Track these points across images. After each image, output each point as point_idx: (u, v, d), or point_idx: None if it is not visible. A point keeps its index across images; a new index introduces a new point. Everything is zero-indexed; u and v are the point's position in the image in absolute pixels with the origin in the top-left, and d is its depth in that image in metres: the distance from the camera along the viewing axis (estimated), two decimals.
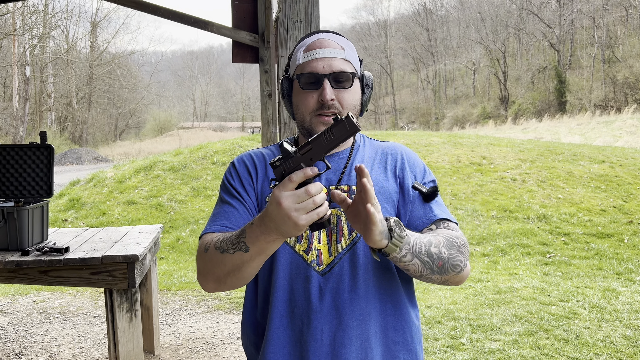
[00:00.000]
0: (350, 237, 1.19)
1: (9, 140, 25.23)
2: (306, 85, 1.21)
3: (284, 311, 1.20)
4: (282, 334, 1.20)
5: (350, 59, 1.23)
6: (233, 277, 1.11)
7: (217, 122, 50.03)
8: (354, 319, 1.17)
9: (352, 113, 1.04)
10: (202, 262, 1.16)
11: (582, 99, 32.81)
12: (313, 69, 1.20)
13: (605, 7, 35.63)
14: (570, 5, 37.04)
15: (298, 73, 1.23)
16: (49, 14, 30.98)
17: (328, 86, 1.19)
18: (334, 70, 1.20)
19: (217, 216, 1.23)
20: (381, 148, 1.33)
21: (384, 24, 48.14)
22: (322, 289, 1.18)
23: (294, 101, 1.26)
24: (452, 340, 3.87)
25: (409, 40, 47.11)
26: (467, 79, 45.00)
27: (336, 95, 1.20)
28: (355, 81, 1.24)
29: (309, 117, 1.22)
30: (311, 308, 1.17)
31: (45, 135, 3.17)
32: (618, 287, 5.18)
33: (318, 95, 1.20)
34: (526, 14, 40.20)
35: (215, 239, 1.14)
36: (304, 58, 1.22)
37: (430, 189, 1.25)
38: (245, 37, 4.28)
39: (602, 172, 9.18)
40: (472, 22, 43.90)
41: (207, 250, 1.14)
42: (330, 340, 1.17)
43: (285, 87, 1.28)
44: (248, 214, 1.22)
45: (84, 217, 8.27)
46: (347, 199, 1.06)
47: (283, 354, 1.19)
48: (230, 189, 1.26)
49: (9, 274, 2.80)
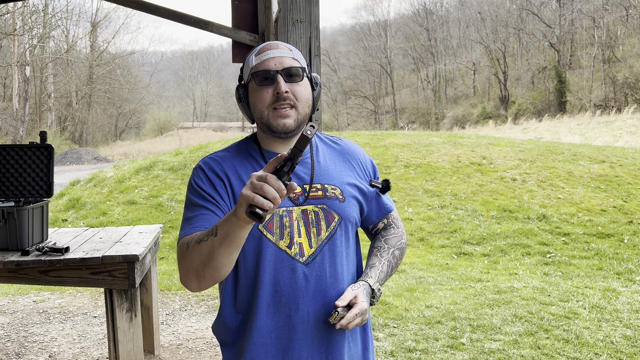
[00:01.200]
0: (328, 230, 1.36)
1: (9, 140, 25.23)
2: (262, 82, 1.34)
3: (270, 301, 1.33)
4: (269, 321, 1.33)
5: (297, 59, 1.37)
6: (208, 266, 1.19)
7: (217, 122, 50.03)
8: (334, 299, 1.35)
9: (311, 123, 1.13)
10: (184, 262, 1.25)
11: (582, 99, 32.81)
12: (266, 66, 1.33)
13: (605, 7, 35.62)
14: (570, 5, 37.03)
15: (253, 72, 1.36)
16: (49, 14, 30.98)
17: (281, 80, 1.32)
18: (285, 66, 1.33)
19: (193, 220, 1.31)
20: (339, 148, 1.49)
21: (384, 24, 48.12)
22: (307, 276, 1.33)
23: (251, 101, 1.37)
24: (452, 340, 3.87)
25: (409, 40, 47.10)
26: (467, 79, 44.99)
27: (290, 89, 1.33)
28: (305, 78, 1.37)
29: (267, 111, 1.34)
30: (299, 294, 1.33)
31: (45, 135, 3.17)
32: (618, 287, 5.18)
33: (273, 89, 1.33)
34: (526, 14, 40.19)
35: (197, 236, 1.24)
36: (257, 60, 1.36)
37: (384, 183, 1.47)
38: (245, 37, 4.28)
39: (602, 172, 9.18)
40: (472, 22, 43.89)
41: (189, 247, 1.24)
42: (315, 320, 1.34)
43: (241, 92, 1.40)
44: (220, 214, 1.31)
45: (84, 217, 8.28)
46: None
47: (271, 339, 1.34)
48: (202, 193, 1.34)
49: (9, 274, 2.80)
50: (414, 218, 7.85)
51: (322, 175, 1.40)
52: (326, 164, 1.42)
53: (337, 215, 1.37)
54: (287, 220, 1.33)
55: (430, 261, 6.36)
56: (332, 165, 1.43)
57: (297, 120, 1.34)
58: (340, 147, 1.49)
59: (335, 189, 1.39)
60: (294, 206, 1.34)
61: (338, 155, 1.46)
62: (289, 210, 1.34)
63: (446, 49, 45.50)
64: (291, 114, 1.33)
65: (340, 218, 1.37)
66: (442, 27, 46.15)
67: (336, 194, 1.38)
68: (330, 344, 1.36)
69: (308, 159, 1.41)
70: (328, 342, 1.36)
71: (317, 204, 1.36)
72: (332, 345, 1.36)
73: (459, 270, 5.92)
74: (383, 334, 4.03)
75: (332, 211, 1.36)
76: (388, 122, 42.23)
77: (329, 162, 1.43)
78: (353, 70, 47.31)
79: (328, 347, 1.36)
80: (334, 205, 1.37)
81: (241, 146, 1.43)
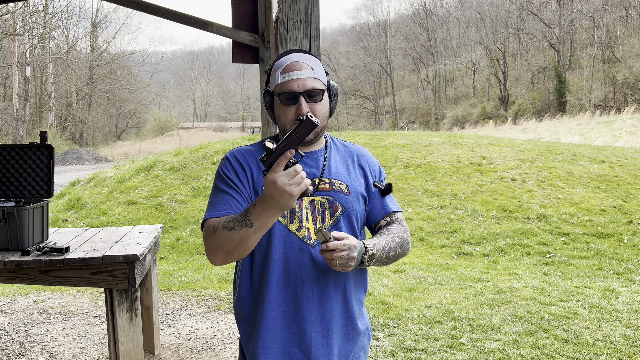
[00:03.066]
0: (332, 219, 1.54)
1: (9, 140, 25.23)
2: (286, 102, 1.50)
3: (280, 277, 1.49)
4: (279, 295, 1.50)
5: (319, 77, 1.53)
6: (239, 248, 1.38)
7: (217, 122, 50.03)
8: (337, 279, 1.52)
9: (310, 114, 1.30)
10: (211, 241, 1.42)
11: (582, 99, 32.80)
12: (290, 88, 1.49)
13: (605, 7, 35.63)
14: (570, 5, 37.04)
15: (278, 92, 1.51)
16: (49, 14, 30.98)
17: (303, 102, 1.48)
18: (307, 88, 1.49)
19: (217, 204, 1.50)
20: (349, 150, 1.66)
21: (384, 24, 48.10)
22: (313, 257, 1.50)
23: (276, 112, 1.55)
24: (452, 340, 3.88)
25: (409, 40, 47.09)
26: (467, 79, 44.99)
27: (310, 108, 1.49)
28: (324, 94, 1.53)
29: (289, 125, 1.50)
30: (305, 272, 1.49)
31: (46, 135, 3.17)
32: (618, 287, 5.19)
33: (295, 108, 1.49)
34: (526, 14, 40.20)
35: (222, 221, 1.41)
36: (282, 79, 1.51)
37: (386, 186, 1.62)
38: (245, 38, 4.28)
39: (602, 172, 9.19)
40: (472, 22, 43.89)
41: (216, 230, 1.41)
42: (318, 297, 1.50)
43: (267, 100, 1.57)
44: (244, 201, 1.50)
45: (84, 217, 8.28)
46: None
47: (279, 312, 1.50)
48: (227, 180, 1.52)
49: (9, 274, 2.81)
50: (414, 218, 7.85)
51: (331, 171, 1.57)
52: (336, 163, 1.60)
53: (341, 207, 1.54)
54: (298, 206, 1.51)
55: (430, 261, 6.36)
56: (341, 164, 1.60)
57: (315, 132, 1.52)
58: (351, 150, 1.66)
59: (341, 184, 1.56)
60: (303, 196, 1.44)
61: (348, 157, 1.64)
62: (299, 199, 1.47)
63: (446, 49, 45.51)
64: None
65: (344, 209, 1.54)
66: (442, 27, 46.15)
67: (342, 188, 1.55)
68: (332, 321, 1.52)
69: (321, 156, 1.58)
70: (330, 319, 1.51)
71: (324, 195, 1.53)
72: (331, 322, 1.52)
73: (459, 270, 5.92)
74: (383, 334, 4.04)
75: (336, 202, 1.53)
76: (388, 122, 42.23)
77: (339, 161, 1.61)
78: (353, 70, 47.31)
79: (329, 323, 1.51)
80: (338, 197, 1.54)
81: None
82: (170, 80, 59.67)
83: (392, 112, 43.56)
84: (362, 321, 1.62)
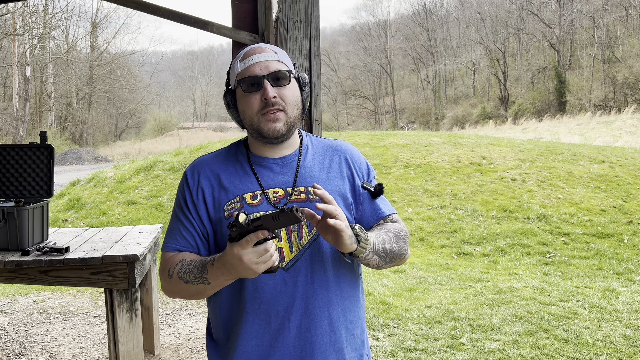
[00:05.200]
0: (311, 234, 1.32)
1: (9, 140, 25.23)
2: (248, 88, 1.32)
3: (250, 308, 1.31)
4: (249, 328, 1.31)
5: (283, 61, 1.35)
6: (197, 297, 1.31)
7: (217, 122, 49.96)
8: (318, 306, 1.31)
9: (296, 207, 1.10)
10: (168, 286, 1.34)
11: (582, 99, 32.80)
12: (252, 72, 1.31)
13: (605, 7, 35.62)
14: (570, 5, 37.03)
15: (239, 79, 1.33)
16: (49, 14, 30.97)
17: (269, 85, 1.30)
18: (271, 70, 1.31)
19: (172, 233, 1.38)
20: (329, 148, 1.45)
21: (384, 24, 48.10)
22: (286, 282, 1.30)
23: (240, 107, 1.36)
24: (452, 340, 3.88)
25: (409, 40, 47.08)
26: (467, 79, 44.98)
27: (277, 93, 1.31)
28: (292, 80, 1.35)
29: (256, 117, 1.32)
30: (278, 300, 1.30)
31: (46, 135, 3.17)
32: (618, 287, 5.19)
33: (261, 95, 1.31)
34: (526, 14, 40.18)
35: (177, 268, 1.30)
36: (242, 66, 1.33)
37: (377, 187, 1.40)
38: (245, 37, 4.28)
39: (602, 172, 9.19)
40: (472, 22, 43.88)
41: (171, 277, 1.31)
42: (297, 327, 1.30)
43: (229, 99, 1.38)
44: (197, 232, 1.36)
45: (84, 217, 8.28)
46: (315, 215, 1.22)
47: (251, 346, 1.32)
48: (182, 204, 1.38)
49: (9, 274, 2.81)
50: (414, 218, 7.85)
51: (307, 177, 1.36)
52: (313, 166, 1.39)
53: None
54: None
55: (430, 261, 6.36)
56: (318, 167, 1.39)
57: (287, 123, 1.33)
58: (332, 147, 1.45)
59: None
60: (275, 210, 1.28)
61: (327, 156, 1.42)
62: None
63: (446, 49, 45.49)
64: (281, 117, 1.32)
65: None
66: (442, 27, 46.14)
67: None
68: (314, 354, 1.31)
69: (295, 161, 1.38)
70: (312, 352, 1.31)
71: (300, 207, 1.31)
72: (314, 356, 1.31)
73: (459, 270, 5.92)
74: (383, 334, 4.03)
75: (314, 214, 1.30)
76: (388, 122, 42.22)
77: (316, 164, 1.39)
78: (353, 70, 47.29)
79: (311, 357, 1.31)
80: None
81: (231, 150, 1.43)
82: (170, 80, 59.67)
83: (392, 112, 43.56)
84: (357, 352, 1.39)
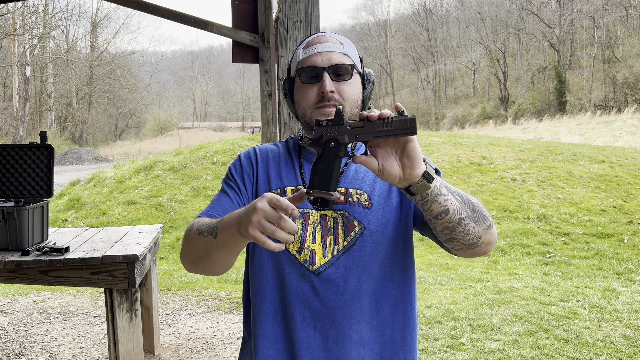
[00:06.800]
0: (347, 240, 1.19)
1: (9, 140, 25.23)
2: (307, 79, 1.22)
3: (277, 307, 1.20)
4: (275, 330, 1.20)
5: (349, 54, 1.24)
6: (204, 262, 1.13)
7: (217, 122, 50.01)
8: (347, 318, 1.17)
9: (412, 114, 1.00)
10: (185, 242, 1.18)
11: (582, 99, 32.81)
12: (312, 63, 1.21)
13: (605, 7, 35.63)
14: (570, 5, 37.04)
15: (298, 67, 1.24)
16: (49, 14, 30.98)
17: (327, 78, 1.20)
18: (332, 63, 1.21)
19: (213, 203, 1.25)
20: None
21: (384, 24, 48.14)
22: (316, 288, 1.18)
23: (296, 98, 1.27)
24: (452, 340, 3.87)
25: (409, 40, 47.10)
26: (467, 79, 44.99)
27: (336, 88, 1.20)
28: (355, 75, 1.24)
29: (310, 110, 1.22)
30: (305, 306, 1.18)
31: (46, 135, 3.17)
32: (618, 287, 5.19)
33: (318, 88, 1.21)
34: (526, 14, 40.19)
35: (201, 222, 1.15)
36: (304, 54, 1.24)
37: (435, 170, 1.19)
38: (245, 37, 4.28)
39: (602, 172, 9.18)
40: (472, 22, 43.89)
41: (191, 230, 1.16)
42: (322, 338, 1.17)
43: (287, 87, 1.29)
44: (240, 204, 1.24)
45: (84, 217, 8.27)
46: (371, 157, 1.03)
47: (276, 349, 1.20)
48: (230, 178, 1.28)
49: (9, 274, 2.80)
50: None
51: (349, 178, 1.24)
52: (359, 167, 1.26)
53: (359, 224, 1.19)
54: (301, 222, 1.19)
55: (430, 261, 6.36)
56: (364, 169, 1.25)
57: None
58: None
59: (361, 194, 1.22)
60: (312, 209, 1.19)
61: None
62: (306, 213, 1.20)
63: (446, 49, 45.50)
64: None
65: (362, 227, 1.19)
66: (442, 27, 46.15)
67: (361, 200, 1.21)
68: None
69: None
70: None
71: (338, 210, 1.19)
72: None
73: (459, 270, 5.92)
74: None
75: (352, 219, 1.19)
76: None
77: (362, 167, 1.26)
78: None
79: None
80: (355, 212, 1.19)
81: (288, 143, 1.34)
82: (170, 80, 59.68)
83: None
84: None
